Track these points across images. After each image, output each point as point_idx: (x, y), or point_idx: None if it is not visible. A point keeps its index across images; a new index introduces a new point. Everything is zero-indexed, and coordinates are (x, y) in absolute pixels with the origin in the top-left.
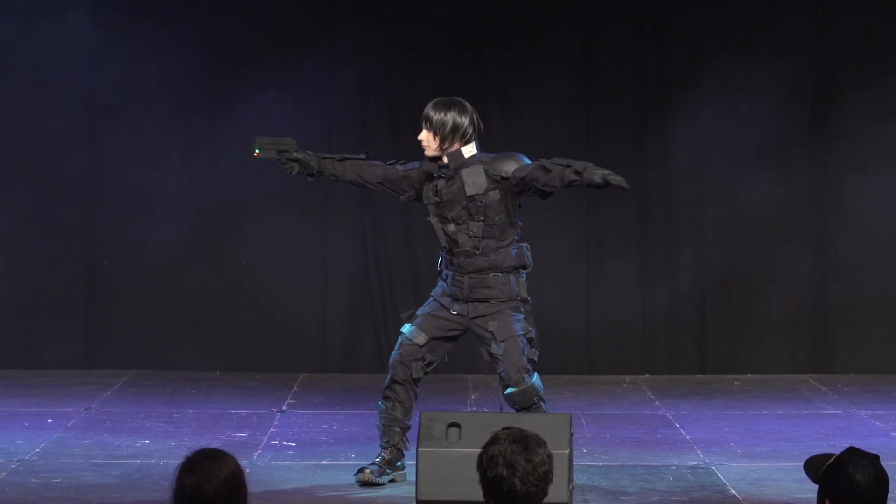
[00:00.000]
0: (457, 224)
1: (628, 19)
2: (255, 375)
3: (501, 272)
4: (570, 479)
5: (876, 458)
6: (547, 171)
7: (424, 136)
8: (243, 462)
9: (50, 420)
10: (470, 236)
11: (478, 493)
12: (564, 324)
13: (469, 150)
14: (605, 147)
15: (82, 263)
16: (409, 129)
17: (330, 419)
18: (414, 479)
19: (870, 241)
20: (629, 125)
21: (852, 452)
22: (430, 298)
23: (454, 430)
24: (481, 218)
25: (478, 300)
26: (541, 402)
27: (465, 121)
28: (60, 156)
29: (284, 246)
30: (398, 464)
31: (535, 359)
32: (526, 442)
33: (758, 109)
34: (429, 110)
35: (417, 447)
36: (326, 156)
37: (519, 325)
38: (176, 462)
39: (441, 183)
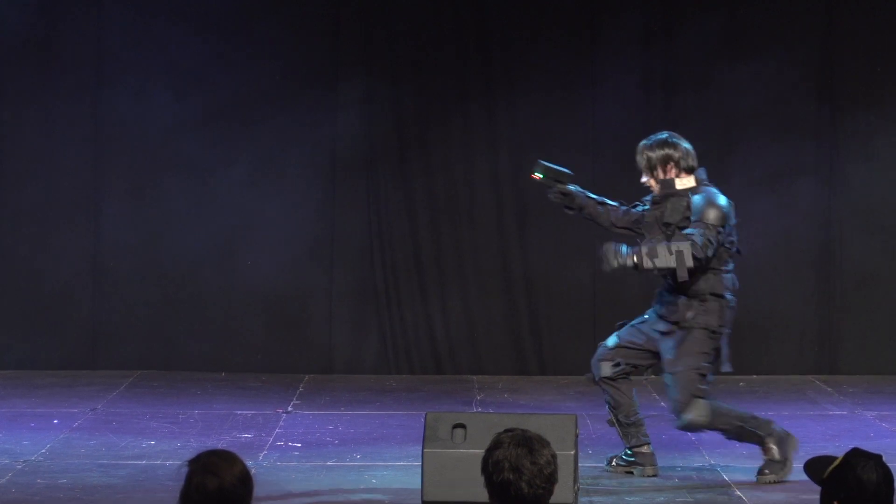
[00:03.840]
0: None
1: (635, 19)
2: (261, 376)
3: (688, 296)
4: (575, 480)
5: (880, 457)
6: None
7: (644, 178)
8: (249, 463)
9: (56, 421)
10: None
11: (483, 495)
12: (570, 324)
13: (682, 183)
14: (609, 147)
15: (88, 264)
16: (414, 132)
17: (335, 420)
18: (420, 480)
19: (877, 240)
20: (634, 122)
21: (857, 453)
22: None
23: (459, 431)
24: None
25: (660, 317)
26: (709, 427)
27: (668, 151)
28: (67, 156)
29: (290, 247)
30: (635, 461)
31: (705, 388)
32: (530, 444)
33: (764, 109)
34: (637, 154)
35: (423, 448)
36: (591, 196)
37: (692, 358)
38: (180, 463)
39: (649, 209)
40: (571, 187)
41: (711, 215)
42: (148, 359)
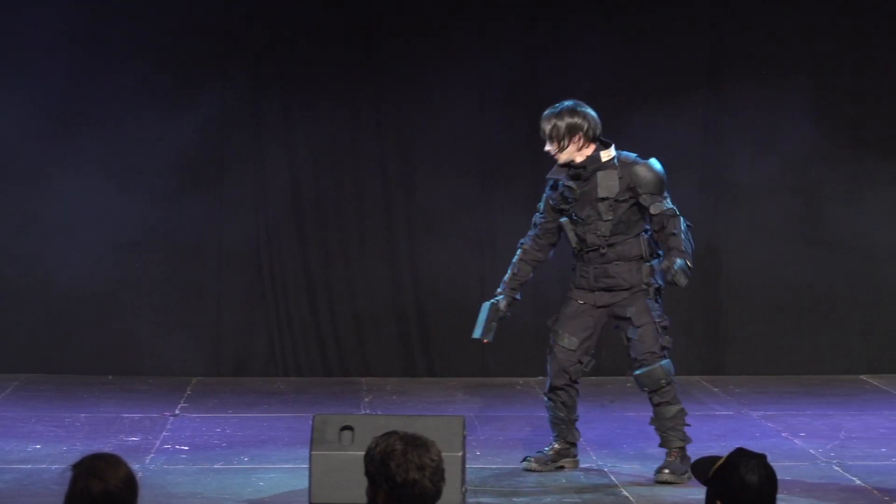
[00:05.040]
0: (585, 224)
1: (521, 21)
2: (148, 379)
3: (625, 261)
4: (462, 482)
5: (764, 457)
6: (663, 228)
7: (549, 147)
8: (135, 466)
9: None
10: (598, 235)
11: None
12: (458, 326)
13: (607, 154)
14: (495, 148)
15: None
16: (302, 132)
17: (223, 423)
18: (308, 483)
19: (760, 243)
20: (520, 119)
21: (741, 453)
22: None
23: (347, 433)
24: (609, 217)
25: (602, 289)
26: (669, 385)
27: (577, 120)
28: None
29: (177, 249)
30: (568, 452)
31: (669, 346)
32: (422, 442)
33: (652, 113)
34: (542, 122)
35: (310, 450)
36: (508, 280)
37: (655, 312)
38: (65, 467)
39: (576, 184)
40: (505, 311)
41: (663, 187)
42: (34, 362)
